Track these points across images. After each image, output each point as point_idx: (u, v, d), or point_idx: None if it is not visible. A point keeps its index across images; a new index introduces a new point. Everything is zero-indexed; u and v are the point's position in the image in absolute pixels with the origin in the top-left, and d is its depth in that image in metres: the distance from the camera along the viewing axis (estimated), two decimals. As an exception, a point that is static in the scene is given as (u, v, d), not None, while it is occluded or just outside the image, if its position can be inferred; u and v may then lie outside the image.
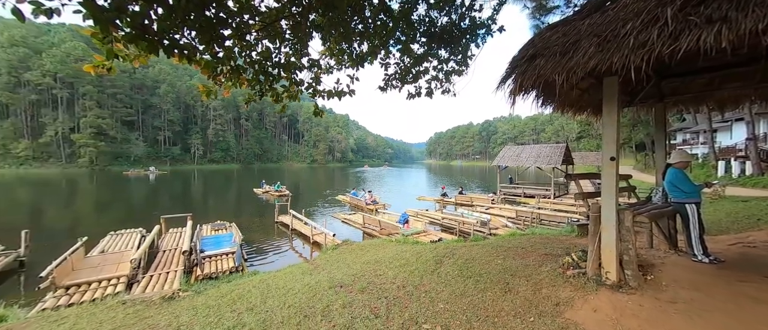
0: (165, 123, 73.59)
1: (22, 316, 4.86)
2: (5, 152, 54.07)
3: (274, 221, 12.73)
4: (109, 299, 5.23)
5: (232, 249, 7.55)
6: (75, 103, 59.57)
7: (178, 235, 9.27)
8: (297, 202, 16.22)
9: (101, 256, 7.20)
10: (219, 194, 28.11)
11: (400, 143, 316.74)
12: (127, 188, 31.46)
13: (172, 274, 6.28)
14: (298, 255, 9.40)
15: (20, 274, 7.25)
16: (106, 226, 11.69)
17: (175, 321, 3.88)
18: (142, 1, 1.70)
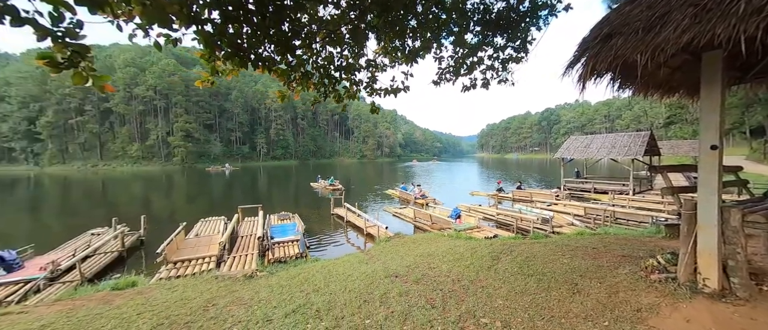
0: (236, 125, 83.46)
1: (146, 282, 6.15)
2: (123, 153, 67.52)
3: (330, 213, 13.63)
4: (205, 274, 6.29)
5: (296, 237, 8.37)
6: (169, 111, 71.20)
7: (252, 223, 10.59)
8: (349, 196, 17.07)
9: (196, 238, 8.65)
10: (281, 188, 31.01)
11: (449, 137, 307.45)
12: (209, 182, 36.66)
13: (250, 257, 7.24)
14: (353, 245, 9.94)
15: (142, 251, 9.12)
16: (196, 213, 13.94)
17: (256, 296, 4.51)
18: (236, 24, 2.02)
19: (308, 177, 39.05)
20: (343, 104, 3.18)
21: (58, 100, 64.84)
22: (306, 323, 3.35)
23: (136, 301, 4.33)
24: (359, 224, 10.93)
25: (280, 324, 3.38)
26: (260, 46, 2.24)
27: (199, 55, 2.13)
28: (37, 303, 4.92)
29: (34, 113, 64.67)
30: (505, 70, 3.86)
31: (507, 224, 10.58)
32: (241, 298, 4.46)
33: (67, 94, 64.64)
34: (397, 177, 40.54)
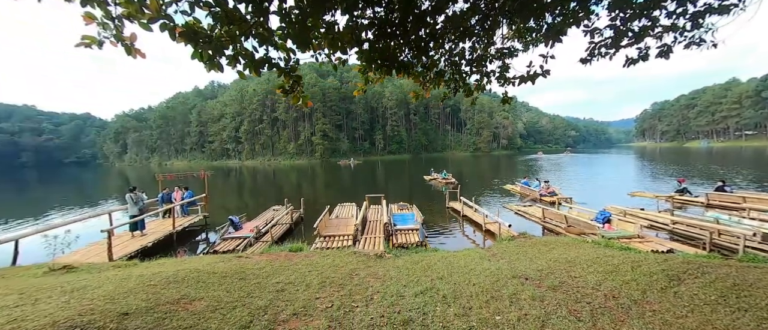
0: (359, 124, 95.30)
1: (308, 249, 8.08)
2: (284, 151, 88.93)
3: (445, 206, 13.73)
4: (346, 249, 7.64)
5: (415, 226, 8.95)
6: (313, 116, 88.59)
7: (376, 210, 12.02)
8: (463, 190, 16.63)
9: (336, 219, 10.58)
10: (396, 180, 33.40)
11: (588, 123, 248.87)
12: (340, 174, 43.55)
13: (378, 239, 8.27)
14: (470, 240, 9.72)
15: (302, 225, 11.94)
16: (333, 198, 17.01)
17: (387, 273, 5.16)
18: (385, 42, 2.37)
19: (421, 170, 40.37)
20: (472, 98, 3.19)
21: (249, 113, 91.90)
22: (435, 305, 3.60)
23: (305, 261, 5.77)
24: (477, 219, 10.55)
25: (412, 301, 3.76)
26: (402, 53, 2.54)
27: (357, 69, 2.62)
28: (252, 253, 7.32)
29: (237, 124, 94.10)
30: (698, 28, 2.87)
31: (692, 237, 7.77)
32: (375, 273, 5.21)
33: (254, 109, 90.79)
34: (517, 171, 36.31)
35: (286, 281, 4.40)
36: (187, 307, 2.97)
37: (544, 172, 32.77)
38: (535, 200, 15.48)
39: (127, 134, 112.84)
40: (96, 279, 3.59)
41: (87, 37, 1.50)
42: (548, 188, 16.27)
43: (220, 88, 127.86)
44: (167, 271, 4.03)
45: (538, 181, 18.36)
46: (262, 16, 1.82)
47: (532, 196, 16.47)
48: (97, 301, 2.70)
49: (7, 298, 2.85)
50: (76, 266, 4.53)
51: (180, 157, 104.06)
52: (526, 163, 49.95)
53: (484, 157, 79.36)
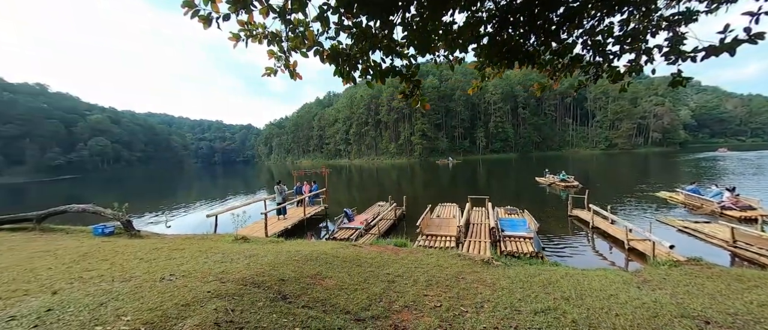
0: (458, 122, 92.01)
1: (411, 245, 8.39)
2: (386, 150, 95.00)
3: (567, 214, 11.60)
4: (449, 250, 7.52)
5: (528, 234, 7.93)
6: (412, 116, 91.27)
7: (480, 213, 11.32)
8: (592, 197, 13.47)
9: (438, 219, 10.55)
10: (501, 181, 30.48)
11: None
12: (438, 173, 43.18)
13: (483, 244, 7.78)
14: (603, 258, 7.90)
15: (404, 222, 12.48)
16: (432, 197, 17.02)
17: (497, 282, 4.77)
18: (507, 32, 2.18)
19: (531, 171, 35.53)
20: (622, 83, 2.57)
21: (357, 117, 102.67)
22: (563, 329, 3.10)
23: (410, 257, 6.00)
24: (615, 234, 8.48)
25: (530, 319, 3.35)
26: (526, 42, 2.29)
27: (473, 67, 2.52)
28: (363, 243, 8.18)
29: (347, 127, 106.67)
30: None
31: None
32: (483, 279, 4.91)
33: (361, 113, 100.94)
34: (679, 174, 26.99)
35: (395, 274, 4.69)
36: (321, 282, 3.56)
37: (728, 177, 23.22)
38: (714, 214, 11.21)
39: (272, 139, 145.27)
40: (261, 250, 4.74)
41: (268, 69, 2.04)
42: (737, 199, 11.53)
43: (335, 97, 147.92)
44: (304, 250, 4.93)
45: (716, 189, 13.18)
46: (388, 29, 1.99)
47: (706, 208, 12.01)
48: (265, 267, 3.57)
49: (216, 256, 4.13)
50: (249, 238, 6.14)
51: (305, 157, 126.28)
52: (697, 163, 36.73)
53: (622, 156, 63.00)
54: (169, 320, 2.16)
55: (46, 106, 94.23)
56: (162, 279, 2.99)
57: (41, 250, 4.29)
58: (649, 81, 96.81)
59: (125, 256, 4.06)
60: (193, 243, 5.36)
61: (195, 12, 1.66)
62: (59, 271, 3.34)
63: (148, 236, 6.21)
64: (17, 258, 3.89)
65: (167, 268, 3.43)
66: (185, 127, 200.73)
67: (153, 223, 14.12)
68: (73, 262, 3.73)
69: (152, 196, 28.56)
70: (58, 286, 2.79)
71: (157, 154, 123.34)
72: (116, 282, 2.92)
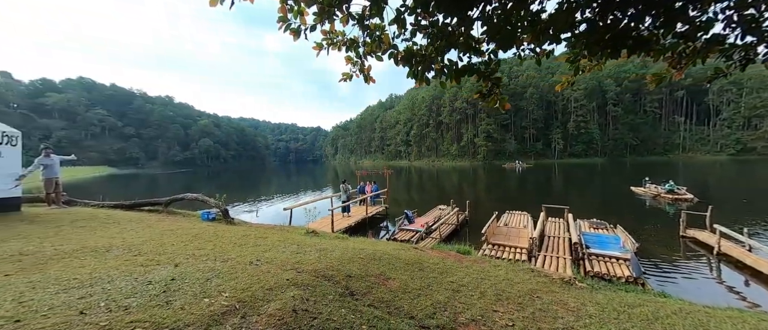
0: (530, 122, 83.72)
1: (475, 254, 7.90)
2: (447, 152, 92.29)
3: (680, 234, 9.38)
4: (520, 264, 6.84)
5: (624, 254, 6.66)
6: (476, 117, 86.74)
7: (557, 225, 10.02)
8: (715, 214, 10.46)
9: (506, 228, 9.71)
10: (582, 189, 26.51)
11: None
12: (504, 178, 39.94)
13: (562, 261, 6.84)
14: (737, 295, 6.13)
15: (467, 228, 11.88)
16: (496, 203, 15.77)
17: (583, 308, 4.11)
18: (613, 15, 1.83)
19: (624, 179, 30.06)
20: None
21: (418, 119, 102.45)
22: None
23: (476, 266, 5.63)
24: (757, 266, 6.50)
25: (631, 359, 2.77)
26: (640, 26, 1.89)
27: (564, 59, 2.20)
28: (424, 246, 8.05)
29: (408, 129, 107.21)
30: None
31: None
32: (564, 302, 4.29)
33: (422, 114, 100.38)
34: None
35: (459, 282, 4.45)
36: (385, 282, 3.59)
37: None
38: None
39: (338, 140, 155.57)
40: (329, 244, 5.05)
41: (345, 74, 2.15)
42: None
43: (396, 99, 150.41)
44: (368, 248, 5.07)
45: None
46: (466, 25, 1.87)
47: None
48: (334, 262, 3.78)
49: (292, 247, 4.55)
50: (318, 233, 6.64)
51: (367, 157, 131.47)
52: None
53: (761, 164, 48.36)
54: (256, 301, 2.44)
55: (172, 114, 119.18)
56: (251, 263, 3.42)
57: (167, 229, 5.38)
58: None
59: (223, 240, 4.79)
60: (273, 233, 6.03)
61: (287, 26, 1.84)
62: (179, 247, 4.11)
63: (239, 224, 7.24)
64: (152, 234, 4.95)
65: (254, 254, 3.91)
66: (267, 129, 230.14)
67: (246, 212, 16.52)
68: (189, 241, 4.56)
69: (242, 188, 33.51)
70: (179, 260, 3.43)
71: (246, 153, 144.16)
72: (217, 261, 3.44)
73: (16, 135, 6.30)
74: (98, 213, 6.46)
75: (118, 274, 2.84)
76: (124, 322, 1.95)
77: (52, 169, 6.99)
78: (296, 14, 1.83)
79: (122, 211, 7.34)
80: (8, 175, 5.99)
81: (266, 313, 2.29)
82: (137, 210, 7.63)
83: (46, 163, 6.88)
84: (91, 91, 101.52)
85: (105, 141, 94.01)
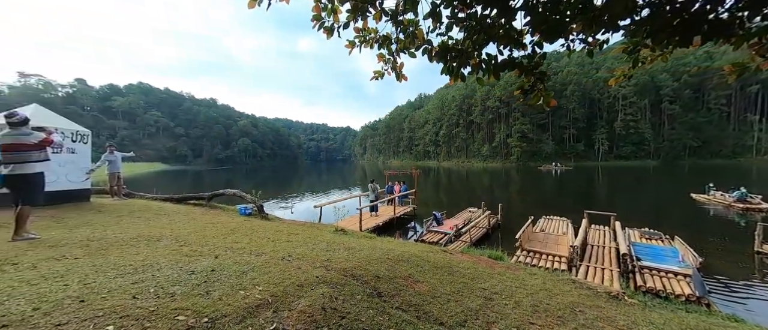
0: (570, 121, 78.18)
1: (508, 260, 7.50)
2: (478, 153, 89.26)
3: (755, 250, 8.13)
4: (558, 273, 6.37)
5: (684, 270, 5.90)
6: (509, 117, 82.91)
7: (601, 233, 9.19)
8: None
9: (543, 234, 9.11)
10: (633, 195, 24.10)
11: None
12: (541, 180, 37.66)
13: (608, 273, 6.24)
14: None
15: (499, 232, 11.35)
16: (532, 208, 14.88)
17: (634, 326, 3.70)
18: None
19: (682, 184, 26.96)
20: None
21: (448, 119, 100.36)
22: None
23: (509, 274, 5.33)
24: None
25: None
26: (721, 6, 1.62)
27: (621, 50, 1.96)
28: (453, 249, 7.80)
29: (437, 129, 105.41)
30: None
31: None
32: (611, 319, 3.88)
33: (452, 114, 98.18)
34: None
35: (492, 290, 4.23)
36: (413, 285, 3.51)
37: None
38: None
39: (366, 140, 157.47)
40: (357, 244, 5.07)
41: (377, 72, 2.11)
42: None
43: (426, 99, 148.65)
44: (396, 249, 5.02)
45: None
46: (507, 16, 1.74)
47: None
48: (362, 262, 3.78)
49: (321, 244, 4.64)
50: (346, 231, 6.72)
51: (395, 157, 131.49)
52: None
53: None
54: (288, 296, 2.49)
55: (215, 115, 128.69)
56: (283, 259, 3.53)
57: (209, 222, 5.77)
58: None
59: (258, 235, 5.02)
60: (304, 229, 6.21)
61: (321, 24, 1.85)
62: (219, 240, 4.37)
63: (273, 219, 7.57)
64: (196, 226, 5.33)
65: (286, 250, 4.04)
66: (299, 129, 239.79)
67: (282, 208, 17.32)
68: (227, 234, 4.84)
69: (276, 185, 35.20)
70: (219, 252, 3.63)
71: (280, 152, 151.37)
72: (253, 255, 3.60)
73: (86, 134, 7.17)
74: (152, 205, 7.13)
75: (166, 263, 3.08)
76: (170, 309, 2.09)
77: (115, 165, 7.87)
78: (330, 12, 1.83)
79: (172, 203, 8.05)
80: (80, 169, 6.82)
81: (297, 309, 2.33)
82: (184, 203, 8.31)
83: (110, 159, 7.75)
84: (148, 94, 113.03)
85: (159, 140, 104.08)
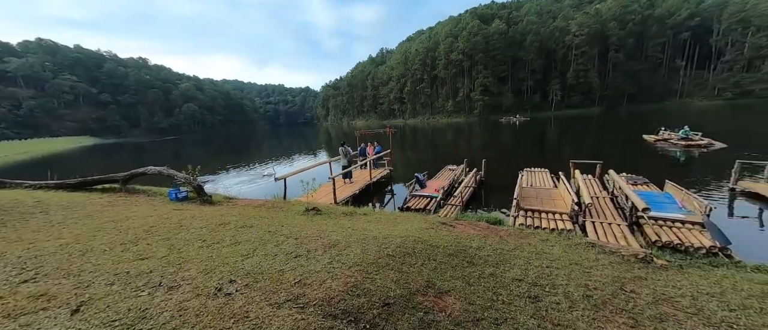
0: (528, 73, 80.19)
1: (507, 222, 6.70)
2: (443, 109, 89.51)
3: (729, 187, 8.34)
4: (567, 236, 5.65)
5: (695, 217, 5.52)
6: (472, 70, 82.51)
7: (590, 183, 8.86)
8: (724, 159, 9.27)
9: (533, 189, 8.52)
10: (589, 141, 25.42)
11: None
12: (504, 132, 38.67)
13: (616, 228, 5.70)
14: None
15: (482, 189, 10.69)
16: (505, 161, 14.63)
17: (703, 308, 2.95)
18: None
19: (621, 129, 29.34)
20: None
21: (412, 74, 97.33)
22: None
23: (523, 245, 4.39)
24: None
25: None
26: None
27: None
28: (446, 216, 6.82)
29: (402, 86, 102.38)
30: None
31: None
32: (672, 301, 3.06)
33: (416, 69, 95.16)
34: None
35: (528, 281, 3.18)
36: (438, 302, 2.27)
37: None
38: None
39: (329, 100, 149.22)
40: (341, 233, 3.67)
41: None
42: None
43: (388, 54, 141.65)
44: (393, 234, 3.74)
45: None
46: None
47: None
48: (355, 273, 2.41)
49: (288, 242, 3.16)
50: (320, 209, 5.25)
51: (360, 117, 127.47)
52: None
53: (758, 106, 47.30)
54: None
55: (149, 77, 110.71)
56: (217, 291, 2.01)
57: (110, 221, 3.90)
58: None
59: (188, 236, 3.36)
60: (262, 215, 4.61)
61: None
62: (110, 258, 2.66)
63: (220, 202, 5.79)
64: (82, 230, 3.46)
65: (228, 265, 2.50)
66: (253, 92, 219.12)
67: (238, 183, 15.02)
68: (132, 242, 3.10)
69: (231, 154, 31.62)
70: (93, 292, 1.99)
71: (234, 118, 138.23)
72: (159, 291, 2.02)
73: None
74: (25, 198, 4.89)
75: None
76: None
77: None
78: None
79: (66, 192, 5.77)
80: None
81: None
82: (87, 189, 6.06)
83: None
84: (54, 54, 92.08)
85: (80, 109, 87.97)
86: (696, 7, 74.16)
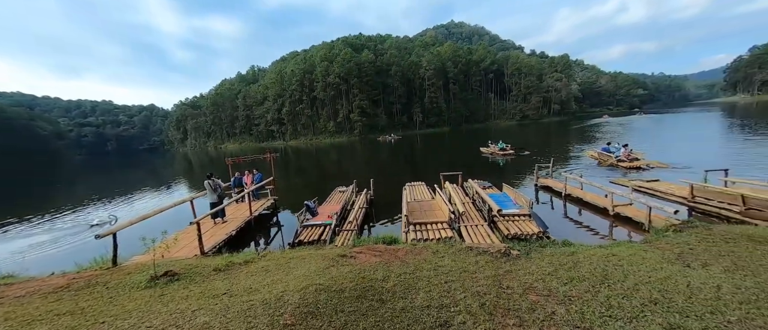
0: (396, 98, 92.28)
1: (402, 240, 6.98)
2: (325, 129, 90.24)
3: (535, 184, 11.79)
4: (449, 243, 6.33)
5: (525, 210, 7.36)
6: (349, 93, 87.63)
7: (457, 191, 10.57)
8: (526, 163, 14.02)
9: (417, 202, 9.39)
10: (444, 154, 31.31)
11: (660, 79, 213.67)
12: (382, 150, 42.53)
13: (482, 228, 6.89)
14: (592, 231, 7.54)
15: (373, 208, 11.00)
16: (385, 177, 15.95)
17: (548, 285, 3.76)
18: None
19: (465, 143, 37.88)
20: None
21: (290, 94, 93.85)
22: None
23: (423, 265, 4.55)
24: (594, 201, 8.58)
25: None
26: None
27: None
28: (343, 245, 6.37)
29: (279, 106, 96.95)
30: None
31: None
32: (530, 286, 3.76)
33: (294, 90, 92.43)
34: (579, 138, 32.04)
35: (433, 304, 3.22)
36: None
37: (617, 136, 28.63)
38: (613, 166, 14.61)
39: (186, 121, 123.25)
40: (212, 307, 2.68)
41: None
42: (629, 153, 14.95)
43: (261, 72, 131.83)
44: (288, 291, 3.05)
45: (617, 146, 16.46)
46: None
47: (607, 161, 15.50)
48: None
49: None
50: (177, 271, 3.84)
51: (232, 140, 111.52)
52: (585, 131, 43.74)
53: (532, 126, 72.22)
54: None
55: None
56: None
57: None
58: (550, 60, 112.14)
59: None
60: (62, 307, 2.89)
61: None
62: None
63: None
64: None
65: None
66: (56, 109, 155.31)
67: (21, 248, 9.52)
68: None
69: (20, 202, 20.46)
70: None
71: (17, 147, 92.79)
72: None
73: None
74: None
75: None
76: None
77: None
78: None
79: None
80: None
81: None
82: None
83: None
84: None
85: None
86: (494, 57, 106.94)
